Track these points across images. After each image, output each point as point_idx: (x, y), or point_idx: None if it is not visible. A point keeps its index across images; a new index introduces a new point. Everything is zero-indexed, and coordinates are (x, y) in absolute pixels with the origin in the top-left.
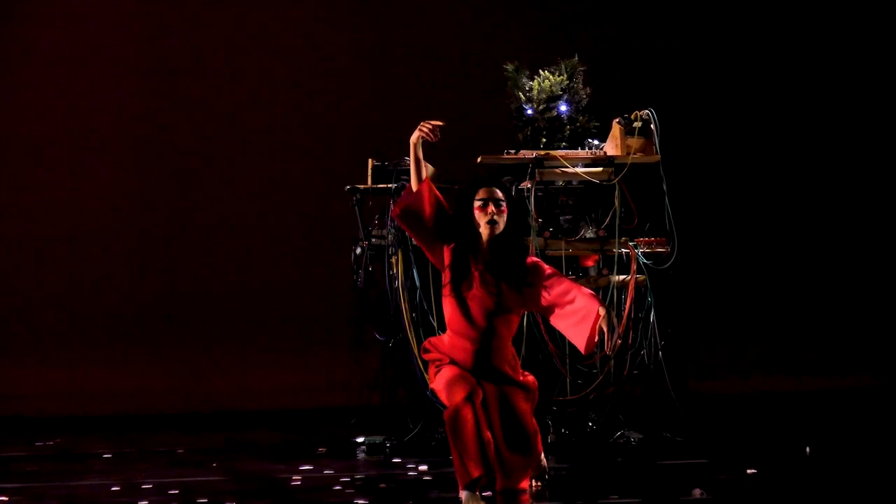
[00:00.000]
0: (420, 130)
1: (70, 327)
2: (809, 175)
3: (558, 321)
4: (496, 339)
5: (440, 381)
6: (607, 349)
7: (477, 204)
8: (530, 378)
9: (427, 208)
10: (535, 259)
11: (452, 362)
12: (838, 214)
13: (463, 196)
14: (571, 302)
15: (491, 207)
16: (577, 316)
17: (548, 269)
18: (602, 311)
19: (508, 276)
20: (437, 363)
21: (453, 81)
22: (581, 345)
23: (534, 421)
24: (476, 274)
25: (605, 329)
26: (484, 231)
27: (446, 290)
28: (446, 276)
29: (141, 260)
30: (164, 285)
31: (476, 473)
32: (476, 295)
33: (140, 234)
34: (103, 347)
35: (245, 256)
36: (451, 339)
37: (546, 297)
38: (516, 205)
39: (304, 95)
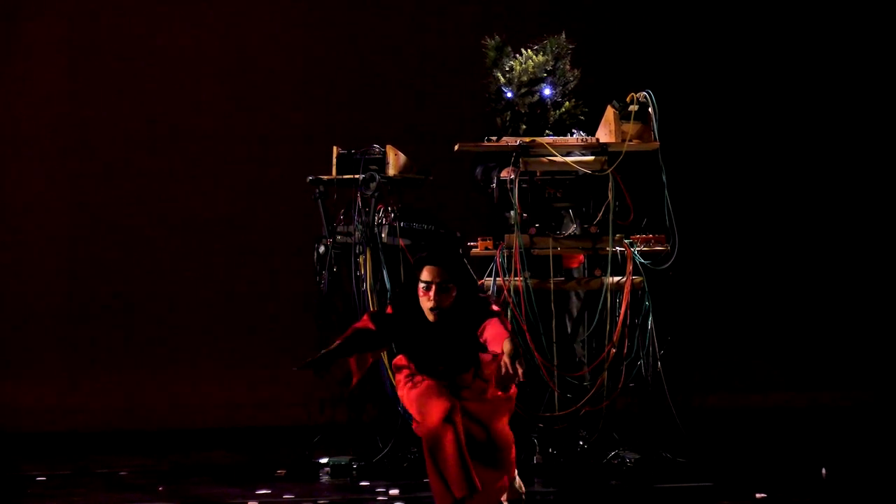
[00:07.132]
0: None
1: None
2: (828, 164)
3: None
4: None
5: (412, 394)
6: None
7: (420, 286)
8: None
9: (355, 375)
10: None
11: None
12: (866, 209)
13: (412, 271)
14: (486, 338)
15: (433, 292)
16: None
17: (494, 310)
18: (507, 345)
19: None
20: (409, 372)
21: (429, 57)
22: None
23: (508, 430)
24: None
25: (507, 364)
26: (429, 315)
27: (403, 378)
28: (402, 361)
29: (79, 266)
30: (104, 292)
31: (460, 495)
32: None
33: (77, 241)
34: (36, 357)
35: (193, 255)
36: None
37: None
38: (467, 277)
39: (260, 76)
